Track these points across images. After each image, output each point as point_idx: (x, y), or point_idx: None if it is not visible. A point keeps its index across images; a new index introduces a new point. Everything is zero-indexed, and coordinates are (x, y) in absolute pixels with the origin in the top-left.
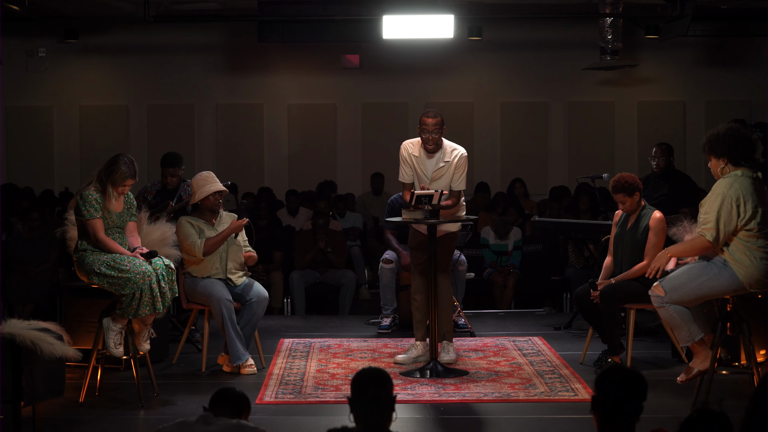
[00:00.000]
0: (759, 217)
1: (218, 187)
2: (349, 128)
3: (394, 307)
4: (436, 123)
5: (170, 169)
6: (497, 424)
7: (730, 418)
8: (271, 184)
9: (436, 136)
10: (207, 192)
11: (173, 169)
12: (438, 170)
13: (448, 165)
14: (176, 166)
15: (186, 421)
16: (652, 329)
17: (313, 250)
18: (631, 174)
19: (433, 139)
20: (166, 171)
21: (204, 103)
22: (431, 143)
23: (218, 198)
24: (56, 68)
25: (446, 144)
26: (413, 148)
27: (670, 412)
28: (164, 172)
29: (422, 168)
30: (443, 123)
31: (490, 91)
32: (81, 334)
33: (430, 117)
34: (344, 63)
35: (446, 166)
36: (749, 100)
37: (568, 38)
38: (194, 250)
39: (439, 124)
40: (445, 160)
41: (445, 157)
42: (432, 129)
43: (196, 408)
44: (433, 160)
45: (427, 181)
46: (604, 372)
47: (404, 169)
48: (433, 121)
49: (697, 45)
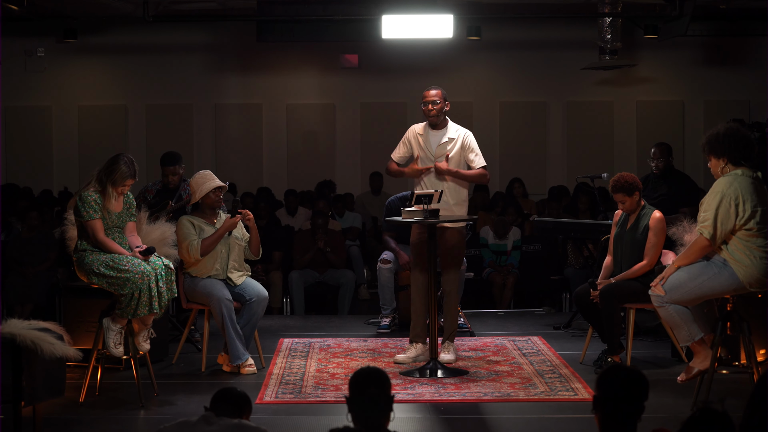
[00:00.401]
0: (758, 217)
1: (217, 183)
2: (347, 128)
3: (393, 306)
4: (436, 94)
5: (170, 167)
6: (498, 424)
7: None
8: (270, 183)
9: (437, 105)
10: (207, 189)
11: (173, 168)
12: (441, 145)
13: (452, 142)
14: (176, 164)
15: (187, 421)
16: (651, 329)
17: (313, 249)
18: (630, 174)
19: (436, 109)
20: (167, 170)
21: (203, 103)
22: (433, 113)
23: (218, 194)
24: (55, 68)
25: (451, 123)
26: (419, 128)
27: (670, 411)
28: (165, 171)
29: (426, 144)
30: (446, 98)
31: (489, 91)
32: (81, 333)
33: (432, 89)
34: (343, 63)
35: (450, 143)
36: (748, 99)
37: (567, 38)
38: (192, 252)
39: (441, 96)
40: (449, 136)
41: (449, 134)
42: (432, 98)
43: (196, 408)
44: (437, 136)
45: (431, 157)
46: (606, 371)
47: (401, 147)
48: (435, 92)
49: (695, 45)
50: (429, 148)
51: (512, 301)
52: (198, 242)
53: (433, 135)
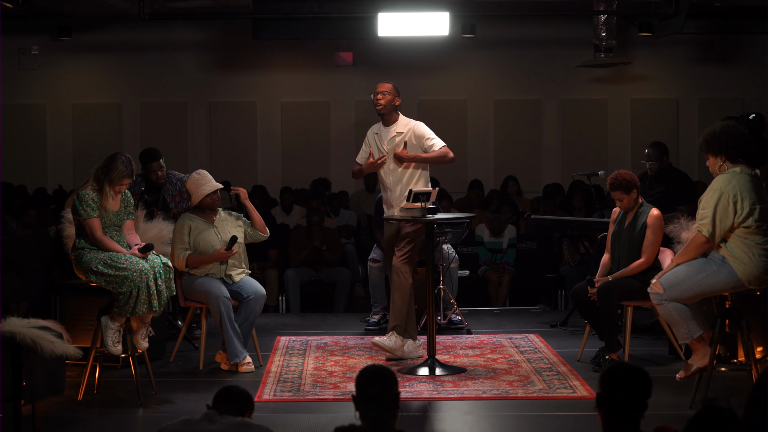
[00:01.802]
0: (757, 214)
1: (212, 188)
2: (342, 126)
3: (383, 305)
4: (385, 86)
5: (155, 163)
6: (497, 422)
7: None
8: (265, 181)
9: (385, 98)
10: (202, 194)
11: (158, 163)
12: (391, 139)
13: (402, 135)
14: (160, 158)
15: (190, 419)
16: (647, 326)
17: (308, 247)
18: (628, 171)
19: (382, 102)
20: (153, 166)
21: (197, 101)
22: (379, 106)
23: (213, 198)
24: (49, 66)
25: (402, 118)
26: (376, 127)
27: (669, 409)
28: (151, 167)
29: (379, 142)
30: (398, 93)
31: (483, 89)
32: (78, 332)
33: (383, 83)
34: (337, 61)
35: (399, 136)
36: (742, 97)
37: (561, 36)
38: (177, 262)
39: (390, 90)
40: (398, 131)
41: (398, 129)
42: (380, 90)
43: (195, 406)
44: (388, 132)
45: (384, 153)
46: (609, 369)
47: (362, 148)
48: (384, 85)
49: (690, 42)
50: (381, 144)
51: (508, 299)
52: (186, 254)
53: (385, 131)
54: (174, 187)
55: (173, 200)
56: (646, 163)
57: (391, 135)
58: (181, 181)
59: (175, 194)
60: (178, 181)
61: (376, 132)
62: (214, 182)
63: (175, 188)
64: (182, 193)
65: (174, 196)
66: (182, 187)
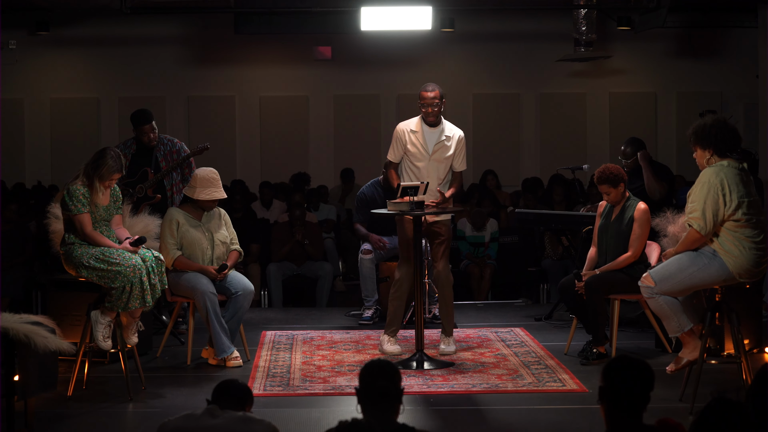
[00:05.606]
0: (745, 207)
1: (219, 196)
2: (321, 120)
3: (375, 298)
4: (435, 96)
5: (147, 125)
6: (488, 415)
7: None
8: (243, 176)
9: (436, 108)
10: (207, 197)
11: (149, 126)
12: (439, 143)
13: (449, 141)
14: (151, 121)
15: (192, 414)
16: (632, 320)
17: (291, 242)
18: (615, 165)
19: (434, 112)
20: (145, 129)
21: (175, 95)
22: (432, 115)
23: (213, 204)
24: (27, 60)
25: (446, 122)
26: (412, 125)
27: (659, 402)
28: (142, 130)
29: (422, 142)
30: (443, 97)
31: (462, 83)
32: (65, 327)
33: (429, 91)
34: (316, 55)
35: (447, 141)
36: (720, 91)
37: (541, 30)
38: (167, 259)
39: (439, 97)
40: (446, 134)
41: (446, 132)
42: (431, 101)
43: (185, 400)
44: (435, 134)
45: (427, 155)
46: (612, 362)
47: (395, 147)
48: (432, 94)
49: (668, 36)
50: (425, 145)
51: (490, 292)
52: (176, 255)
53: (429, 132)
54: (165, 147)
55: (164, 159)
56: (623, 160)
57: (440, 138)
58: (172, 142)
59: (167, 153)
60: (169, 141)
61: (414, 130)
62: (222, 192)
63: (167, 148)
64: (173, 153)
65: (165, 156)
66: (173, 147)
